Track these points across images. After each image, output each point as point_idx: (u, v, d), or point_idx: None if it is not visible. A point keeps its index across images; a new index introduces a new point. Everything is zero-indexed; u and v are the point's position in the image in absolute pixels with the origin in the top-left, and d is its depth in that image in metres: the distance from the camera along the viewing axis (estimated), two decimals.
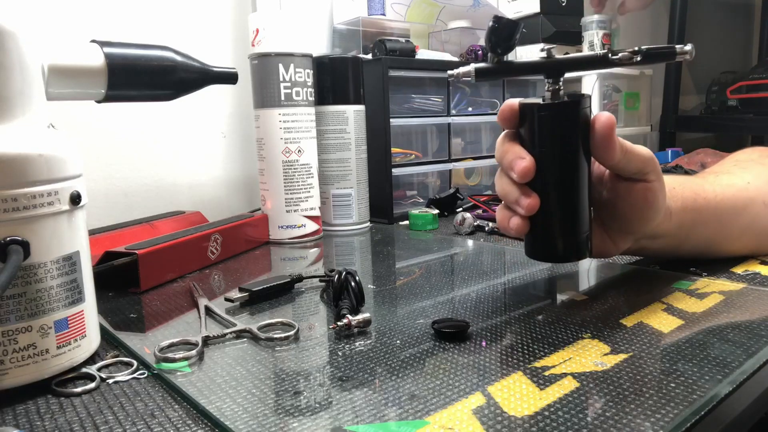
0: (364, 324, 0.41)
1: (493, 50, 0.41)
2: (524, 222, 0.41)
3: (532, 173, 0.40)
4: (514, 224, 0.42)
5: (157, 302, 0.49)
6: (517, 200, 0.41)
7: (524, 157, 0.40)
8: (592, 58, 0.41)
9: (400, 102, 0.87)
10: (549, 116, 0.40)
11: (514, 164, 0.40)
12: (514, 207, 0.41)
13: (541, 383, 0.32)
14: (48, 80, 0.38)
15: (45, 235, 0.33)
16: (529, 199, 0.40)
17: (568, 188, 0.41)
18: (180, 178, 0.83)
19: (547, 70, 0.41)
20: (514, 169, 0.40)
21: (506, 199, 0.42)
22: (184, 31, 0.82)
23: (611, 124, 0.40)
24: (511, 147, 0.41)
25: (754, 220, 0.52)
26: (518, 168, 0.40)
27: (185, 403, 0.32)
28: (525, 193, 0.41)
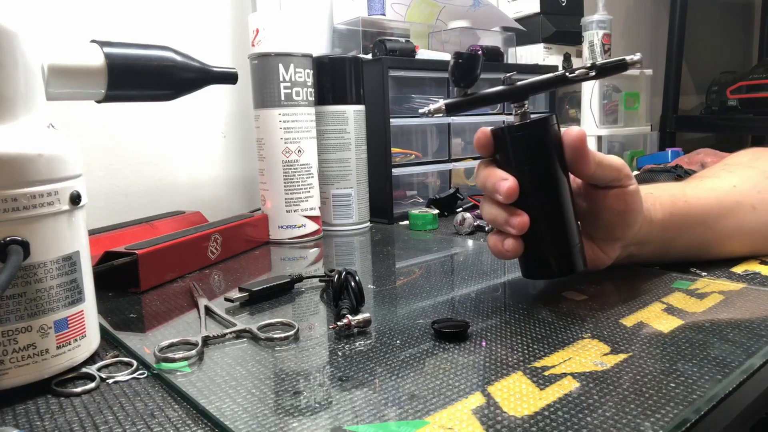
0: (364, 324, 0.41)
1: (457, 84, 0.44)
2: (518, 242, 0.42)
3: (516, 192, 0.41)
4: (509, 246, 0.42)
5: (157, 302, 0.49)
6: (507, 221, 0.42)
7: (506, 178, 0.42)
8: (551, 79, 0.43)
9: (400, 102, 0.87)
10: (522, 136, 0.43)
11: (498, 186, 0.42)
12: (505, 229, 0.42)
13: (541, 383, 0.32)
14: (48, 80, 0.38)
15: (45, 235, 0.33)
16: (518, 218, 0.42)
17: (551, 202, 0.43)
18: (180, 178, 0.83)
19: (511, 96, 0.44)
20: (499, 190, 0.42)
21: (496, 224, 0.43)
22: (184, 31, 0.82)
23: (582, 138, 0.42)
24: (491, 171, 0.43)
25: (742, 222, 0.52)
26: (503, 189, 0.41)
27: (185, 403, 0.32)
28: (513, 213, 0.42)
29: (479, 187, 0.45)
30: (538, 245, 0.43)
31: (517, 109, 0.44)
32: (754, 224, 0.53)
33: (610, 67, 0.42)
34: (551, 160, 0.42)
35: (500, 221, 0.43)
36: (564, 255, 0.43)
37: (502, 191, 0.41)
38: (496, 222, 0.43)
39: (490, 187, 0.43)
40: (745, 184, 0.53)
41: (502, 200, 0.42)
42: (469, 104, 0.45)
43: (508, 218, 0.42)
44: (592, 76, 0.42)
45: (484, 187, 0.44)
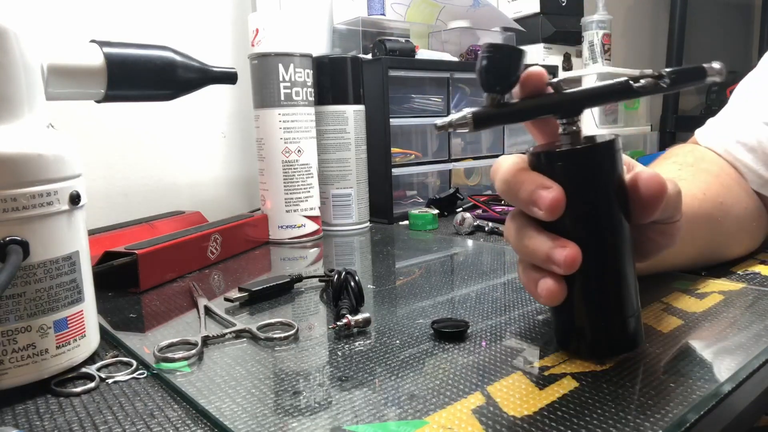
0: (364, 324, 0.41)
1: (488, 88, 0.32)
2: (561, 285, 0.31)
3: (562, 206, 0.30)
4: (548, 288, 0.31)
5: (157, 302, 0.49)
6: (549, 254, 0.30)
7: (550, 186, 0.30)
8: (614, 88, 0.32)
9: (400, 102, 0.87)
10: (574, 167, 0.31)
11: (536, 197, 0.30)
12: (546, 264, 0.31)
13: (541, 383, 0.32)
14: (47, 80, 0.38)
15: (44, 235, 0.33)
16: (566, 250, 0.30)
17: (607, 257, 0.32)
18: (180, 178, 0.83)
19: (561, 109, 0.33)
20: (537, 202, 0.30)
21: (531, 255, 0.32)
22: (184, 31, 0.82)
23: (663, 189, 0.32)
24: (528, 176, 0.31)
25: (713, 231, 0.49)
26: (545, 200, 0.30)
27: (185, 403, 0.32)
28: (557, 241, 0.30)
29: (508, 196, 0.32)
30: (584, 309, 0.33)
31: (566, 126, 0.33)
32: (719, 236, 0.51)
33: (686, 77, 0.32)
34: (611, 201, 0.32)
35: (538, 252, 0.31)
36: (617, 328, 0.33)
37: (544, 203, 0.30)
38: (531, 253, 0.32)
39: (525, 197, 0.31)
40: (710, 191, 0.50)
41: (542, 216, 0.30)
42: (504, 118, 0.34)
43: (550, 249, 0.30)
44: (662, 87, 0.31)
45: (516, 196, 0.32)
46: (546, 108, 0.33)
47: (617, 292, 0.32)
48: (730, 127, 0.57)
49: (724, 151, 0.56)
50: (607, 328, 0.33)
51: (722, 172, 0.54)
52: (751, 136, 0.54)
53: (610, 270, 0.32)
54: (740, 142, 0.55)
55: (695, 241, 0.47)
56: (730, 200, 0.51)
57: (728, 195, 0.51)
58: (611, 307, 0.32)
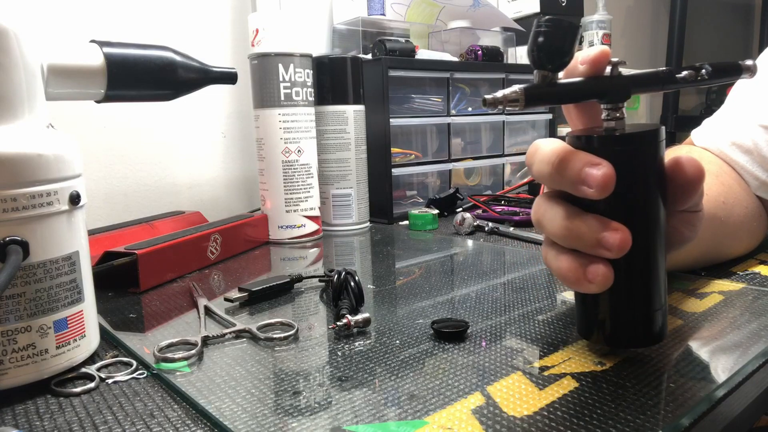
0: (364, 324, 0.41)
1: (540, 65, 0.31)
2: (611, 269, 0.30)
3: (613, 183, 0.28)
4: (599, 274, 0.29)
5: (157, 302, 0.49)
6: (600, 237, 0.29)
7: (599, 163, 0.28)
8: (659, 76, 0.32)
9: (400, 102, 0.87)
10: (623, 154, 0.30)
11: (586, 174, 0.29)
12: (596, 250, 0.29)
13: (541, 383, 0.32)
14: (47, 80, 0.38)
15: (44, 235, 0.33)
16: (619, 233, 0.29)
17: (644, 248, 0.31)
18: (180, 178, 0.83)
19: (613, 92, 0.32)
20: (587, 180, 0.28)
21: (577, 238, 0.30)
22: (184, 31, 0.82)
23: (703, 173, 0.32)
24: (575, 154, 0.30)
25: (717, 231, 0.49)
26: (596, 177, 0.28)
27: (184, 403, 0.32)
28: (610, 224, 0.29)
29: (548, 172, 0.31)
30: (612, 301, 0.32)
31: (611, 111, 0.32)
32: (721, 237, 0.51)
33: (723, 71, 0.32)
34: (653, 190, 0.31)
35: (587, 236, 0.29)
36: (643, 320, 0.32)
37: (595, 180, 0.28)
38: (578, 236, 0.30)
39: (572, 174, 0.29)
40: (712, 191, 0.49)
41: (591, 194, 0.29)
42: (556, 96, 0.33)
43: (601, 231, 0.29)
44: (700, 79, 0.32)
45: (560, 174, 0.30)
46: (600, 90, 0.32)
47: (650, 282, 0.32)
48: (726, 128, 0.57)
49: (719, 152, 0.56)
50: (636, 319, 0.32)
51: (722, 172, 0.54)
52: (746, 137, 0.54)
53: (648, 259, 0.31)
54: (735, 143, 0.55)
55: (700, 241, 0.46)
56: (732, 200, 0.51)
57: (729, 194, 0.51)
58: (643, 297, 0.32)
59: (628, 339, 0.33)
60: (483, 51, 0.98)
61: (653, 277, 0.32)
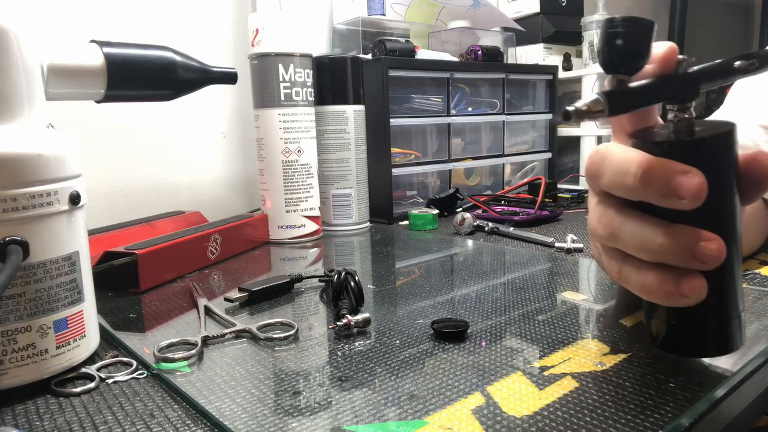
0: (364, 324, 0.41)
1: (613, 69, 0.29)
2: (704, 281, 0.28)
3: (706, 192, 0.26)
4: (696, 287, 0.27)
5: (157, 302, 0.49)
6: (695, 249, 0.27)
7: (689, 171, 0.26)
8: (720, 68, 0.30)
9: (400, 102, 0.87)
10: (710, 156, 0.28)
11: (678, 184, 0.26)
12: (689, 262, 0.27)
13: (541, 383, 0.32)
14: (47, 80, 0.38)
15: (44, 235, 0.33)
16: (713, 243, 0.27)
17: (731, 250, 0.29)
18: (180, 178, 0.83)
19: (687, 90, 0.30)
20: (679, 191, 0.26)
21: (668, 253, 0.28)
22: (184, 31, 0.82)
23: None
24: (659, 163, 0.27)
25: None
26: (689, 187, 0.26)
27: (184, 403, 0.32)
28: (700, 235, 0.27)
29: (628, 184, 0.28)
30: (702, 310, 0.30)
31: (680, 112, 0.30)
32: None
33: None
34: (734, 192, 0.29)
35: (679, 249, 0.27)
36: (720, 329, 0.30)
37: (689, 191, 0.26)
38: (669, 250, 0.27)
39: (661, 185, 0.27)
40: None
41: (685, 205, 0.26)
42: (639, 99, 0.29)
43: (695, 244, 0.27)
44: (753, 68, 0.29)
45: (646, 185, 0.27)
46: (674, 90, 0.30)
47: (731, 288, 0.30)
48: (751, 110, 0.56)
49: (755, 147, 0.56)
50: (717, 326, 0.30)
51: None
52: (746, 137, 0.54)
53: (730, 263, 0.29)
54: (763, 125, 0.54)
55: None
56: None
57: None
58: (729, 303, 0.30)
59: (708, 347, 0.31)
60: (483, 51, 0.98)
61: (735, 280, 0.30)
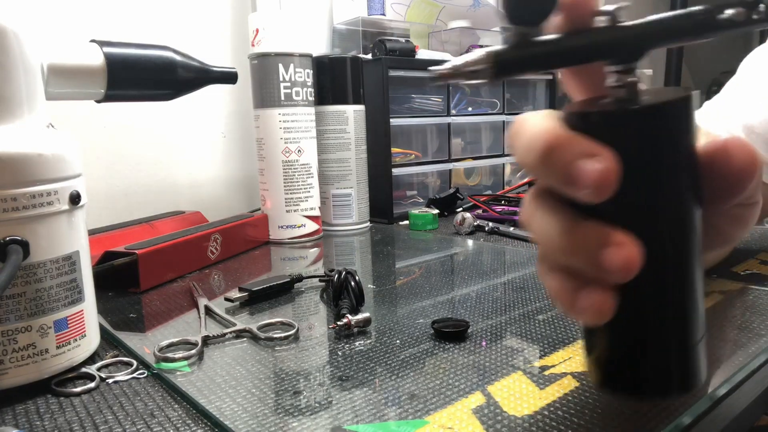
0: (364, 324, 0.41)
1: (515, 19, 0.23)
2: (611, 297, 0.22)
3: (614, 183, 0.20)
4: (595, 302, 0.22)
5: (157, 302, 0.49)
6: (598, 254, 0.21)
7: (598, 153, 0.21)
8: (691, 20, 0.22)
9: (400, 102, 0.87)
10: (641, 133, 0.22)
11: (577, 169, 0.21)
12: (591, 268, 0.22)
13: (541, 383, 0.32)
14: (47, 80, 0.38)
15: (44, 234, 0.33)
16: (624, 249, 0.21)
17: (675, 254, 0.23)
18: (180, 178, 0.83)
19: (620, 50, 0.23)
20: (577, 177, 0.21)
21: (567, 253, 0.22)
22: (184, 31, 0.82)
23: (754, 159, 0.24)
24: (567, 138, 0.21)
25: None
26: (588, 175, 0.20)
27: (185, 402, 0.32)
28: (611, 235, 0.21)
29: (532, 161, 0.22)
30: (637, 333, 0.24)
31: (620, 76, 0.23)
32: None
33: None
34: (682, 183, 0.23)
35: (580, 250, 0.22)
36: (680, 358, 0.24)
37: (588, 179, 0.20)
38: (573, 251, 0.22)
39: (560, 167, 0.21)
40: None
41: (583, 196, 0.21)
42: (537, 61, 0.24)
43: (600, 246, 0.21)
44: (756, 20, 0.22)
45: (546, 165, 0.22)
46: (598, 48, 0.23)
47: (683, 308, 0.23)
48: (737, 110, 0.54)
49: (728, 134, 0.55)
50: (667, 358, 0.24)
51: None
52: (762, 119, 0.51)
53: (677, 277, 0.23)
54: (749, 126, 0.52)
55: None
56: None
57: None
58: (674, 329, 0.23)
59: (653, 387, 0.24)
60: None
61: (688, 298, 0.23)
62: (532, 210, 0.24)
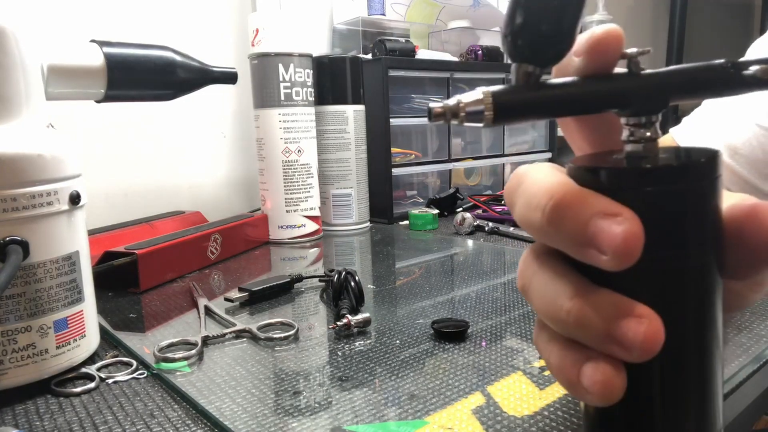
0: (364, 324, 0.41)
1: (522, 56, 0.20)
2: (621, 374, 0.19)
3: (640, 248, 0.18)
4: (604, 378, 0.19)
5: (157, 302, 0.49)
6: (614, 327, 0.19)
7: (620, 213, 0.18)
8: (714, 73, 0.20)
9: (400, 102, 0.87)
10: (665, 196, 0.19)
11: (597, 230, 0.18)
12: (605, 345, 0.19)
13: (541, 383, 0.32)
14: (47, 80, 0.38)
15: (44, 235, 0.33)
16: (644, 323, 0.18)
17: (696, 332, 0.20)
18: (180, 178, 0.83)
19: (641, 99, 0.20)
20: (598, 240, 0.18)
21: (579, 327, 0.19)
22: (184, 31, 0.82)
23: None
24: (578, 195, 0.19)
25: None
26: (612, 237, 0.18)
27: (185, 403, 0.32)
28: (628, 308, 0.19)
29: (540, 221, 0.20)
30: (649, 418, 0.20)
31: (637, 129, 0.21)
32: None
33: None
34: (707, 253, 0.20)
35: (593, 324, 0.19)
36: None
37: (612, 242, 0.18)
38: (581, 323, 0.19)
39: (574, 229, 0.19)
40: None
41: (605, 263, 0.18)
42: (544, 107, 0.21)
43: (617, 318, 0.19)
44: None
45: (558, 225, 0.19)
46: (621, 97, 0.20)
47: (702, 392, 0.20)
48: (719, 128, 0.53)
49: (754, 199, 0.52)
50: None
51: None
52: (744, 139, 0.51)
53: (697, 357, 0.20)
54: (731, 146, 0.51)
55: None
56: None
57: None
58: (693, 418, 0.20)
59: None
60: (483, 51, 0.98)
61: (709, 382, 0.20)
62: (532, 272, 0.22)
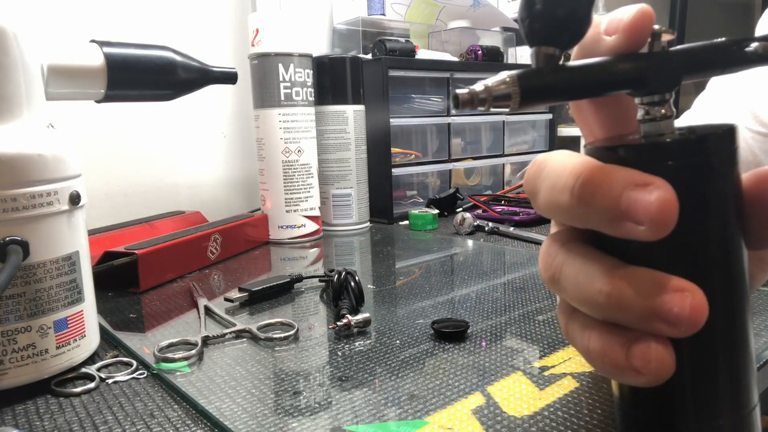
0: (364, 324, 0.41)
1: (542, 39, 0.21)
2: (670, 348, 0.19)
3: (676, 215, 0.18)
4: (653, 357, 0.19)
5: (157, 302, 0.49)
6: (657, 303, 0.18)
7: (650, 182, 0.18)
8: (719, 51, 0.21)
9: (400, 102, 0.87)
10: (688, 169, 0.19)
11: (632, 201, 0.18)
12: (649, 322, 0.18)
13: (541, 383, 0.32)
14: (47, 80, 0.38)
15: (44, 235, 0.33)
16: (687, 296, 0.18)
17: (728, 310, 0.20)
18: (180, 178, 0.83)
19: (657, 77, 0.21)
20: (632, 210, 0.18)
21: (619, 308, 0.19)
22: (184, 31, 0.82)
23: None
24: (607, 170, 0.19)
25: None
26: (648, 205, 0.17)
27: (185, 403, 0.32)
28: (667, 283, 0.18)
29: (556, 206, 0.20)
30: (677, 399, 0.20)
31: (653, 108, 0.21)
32: None
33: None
34: (732, 223, 0.20)
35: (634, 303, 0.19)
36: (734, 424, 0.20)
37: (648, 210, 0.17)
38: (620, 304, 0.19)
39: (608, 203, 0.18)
40: None
41: (642, 232, 0.18)
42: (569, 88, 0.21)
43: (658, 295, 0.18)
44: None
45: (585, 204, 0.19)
46: (638, 75, 0.21)
47: (738, 365, 0.20)
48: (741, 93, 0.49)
49: None
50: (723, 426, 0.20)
51: None
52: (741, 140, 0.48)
53: (731, 331, 0.20)
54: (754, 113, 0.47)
55: None
56: None
57: None
58: (730, 390, 0.20)
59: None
60: (483, 51, 0.98)
61: (741, 359, 0.20)
62: (561, 261, 0.21)
